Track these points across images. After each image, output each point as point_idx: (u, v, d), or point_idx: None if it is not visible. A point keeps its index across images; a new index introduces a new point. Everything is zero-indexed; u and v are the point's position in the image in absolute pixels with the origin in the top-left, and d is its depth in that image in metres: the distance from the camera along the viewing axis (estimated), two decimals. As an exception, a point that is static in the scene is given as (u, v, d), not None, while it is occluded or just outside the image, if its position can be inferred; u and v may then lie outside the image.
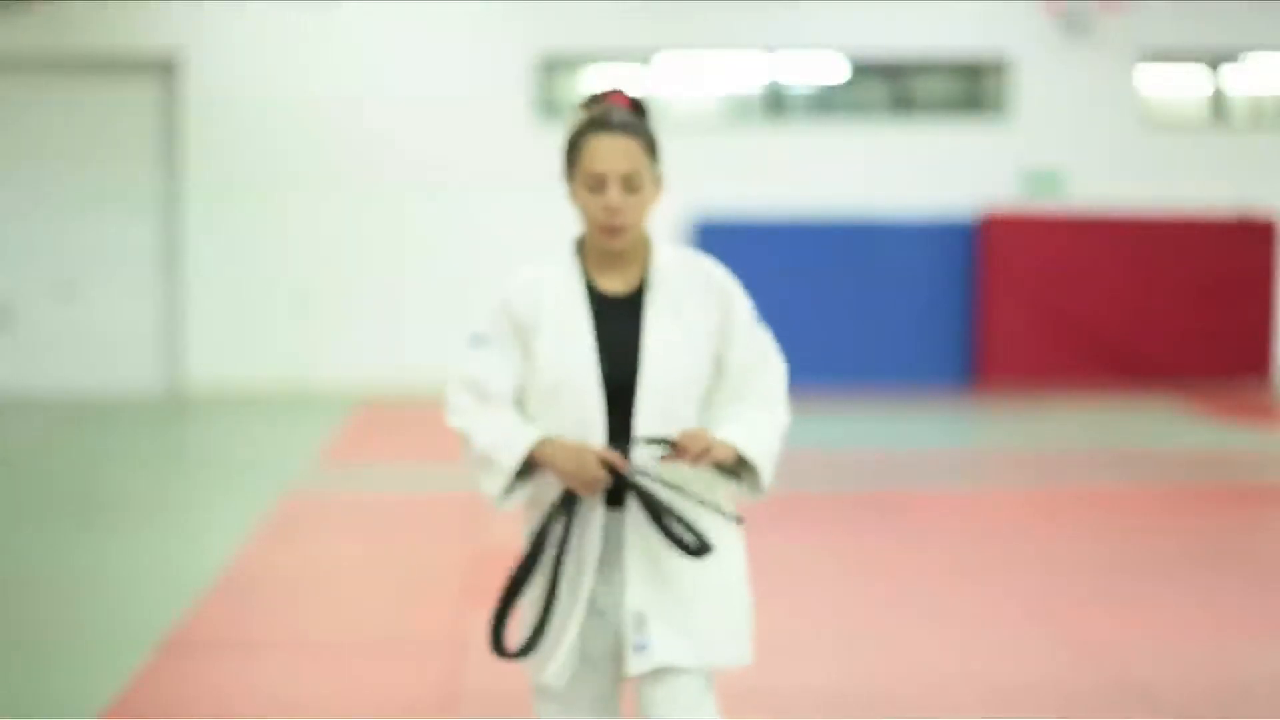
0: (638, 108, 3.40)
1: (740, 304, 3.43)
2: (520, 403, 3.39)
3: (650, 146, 3.35)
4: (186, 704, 5.61)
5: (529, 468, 3.34)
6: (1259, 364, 16.92)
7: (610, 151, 3.30)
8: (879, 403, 15.57)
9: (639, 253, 3.40)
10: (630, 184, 3.30)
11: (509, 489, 3.34)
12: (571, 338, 3.32)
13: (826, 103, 17.12)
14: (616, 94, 3.40)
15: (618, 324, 3.35)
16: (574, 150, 3.34)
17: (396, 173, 16.33)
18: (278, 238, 16.32)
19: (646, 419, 3.30)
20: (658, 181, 3.37)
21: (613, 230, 3.31)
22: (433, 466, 11.14)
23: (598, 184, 3.29)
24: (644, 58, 16.63)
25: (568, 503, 3.31)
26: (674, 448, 3.25)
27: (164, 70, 16.31)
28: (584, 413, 3.30)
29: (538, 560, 3.33)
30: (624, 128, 3.32)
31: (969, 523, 9.29)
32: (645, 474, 3.30)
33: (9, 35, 16.02)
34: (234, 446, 12.85)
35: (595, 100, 3.39)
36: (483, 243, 16.23)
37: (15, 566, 7.98)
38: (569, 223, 3.84)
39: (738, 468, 3.38)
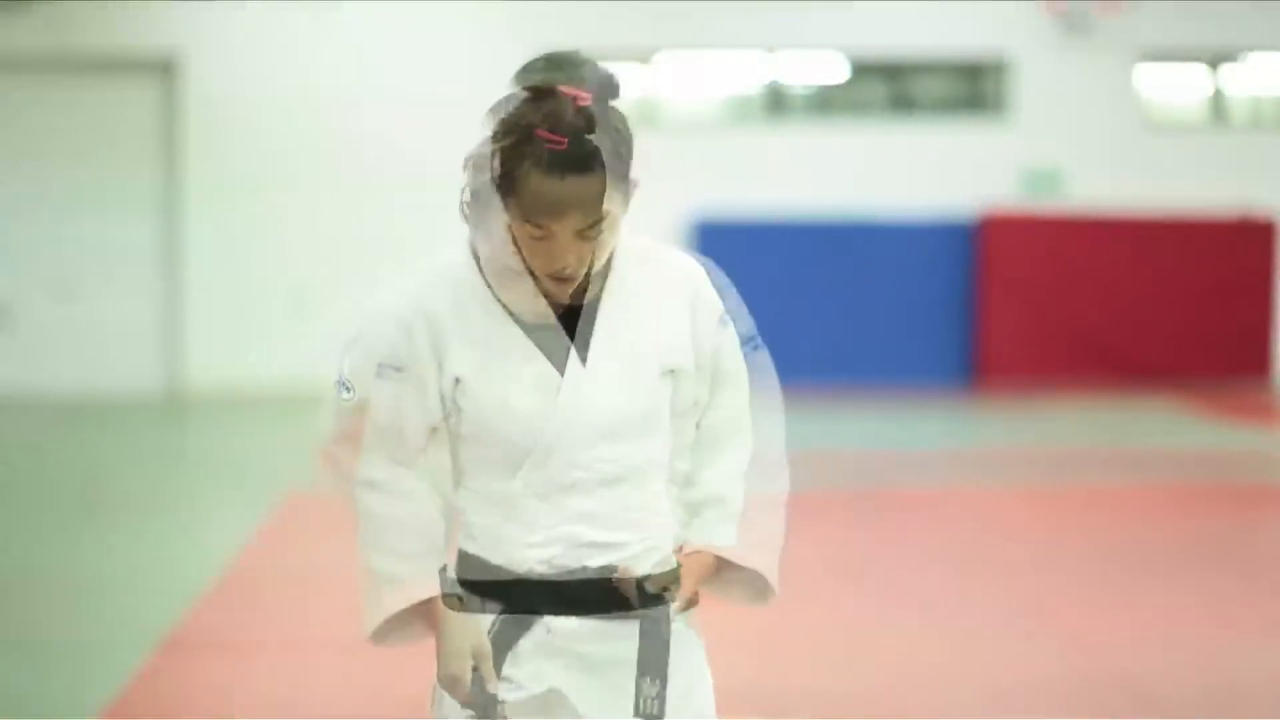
0: (600, 100, 2.41)
1: (715, 310, 2.63)
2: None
3: (618, 168, 2.40)
4: (186, 704, 5.61)
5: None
6: (1259, 364, 16.92)
7: (559, 202, 2.38)
8: (878, 403, 15.56)
9: None
10: (587, 234, 2.42)
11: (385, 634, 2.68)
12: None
13: (826, 103, 17.13)
14: (565, 88, 2.39)
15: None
16: (505, 176, 2.40)
17: (396, 173, 16.32)
18: (277, 237, 16.31)
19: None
20: (627, 197, 2.45)
21: (561, 281, 2.47)
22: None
23: (542, 234, 2.42)
24: (644, 58, 16.63)
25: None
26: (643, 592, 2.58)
27: (164, 70, 16.31)
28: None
29: None
30: (578, 163, 2.37)
31: (968, 522, 9.29)
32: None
33: (9, 35, 16.01)
34: (234, 446, 12.85)
35: (538, 95, 2.39)
36: (482, 243, 16.20)
37: (15, 566, 7.97)
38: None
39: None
